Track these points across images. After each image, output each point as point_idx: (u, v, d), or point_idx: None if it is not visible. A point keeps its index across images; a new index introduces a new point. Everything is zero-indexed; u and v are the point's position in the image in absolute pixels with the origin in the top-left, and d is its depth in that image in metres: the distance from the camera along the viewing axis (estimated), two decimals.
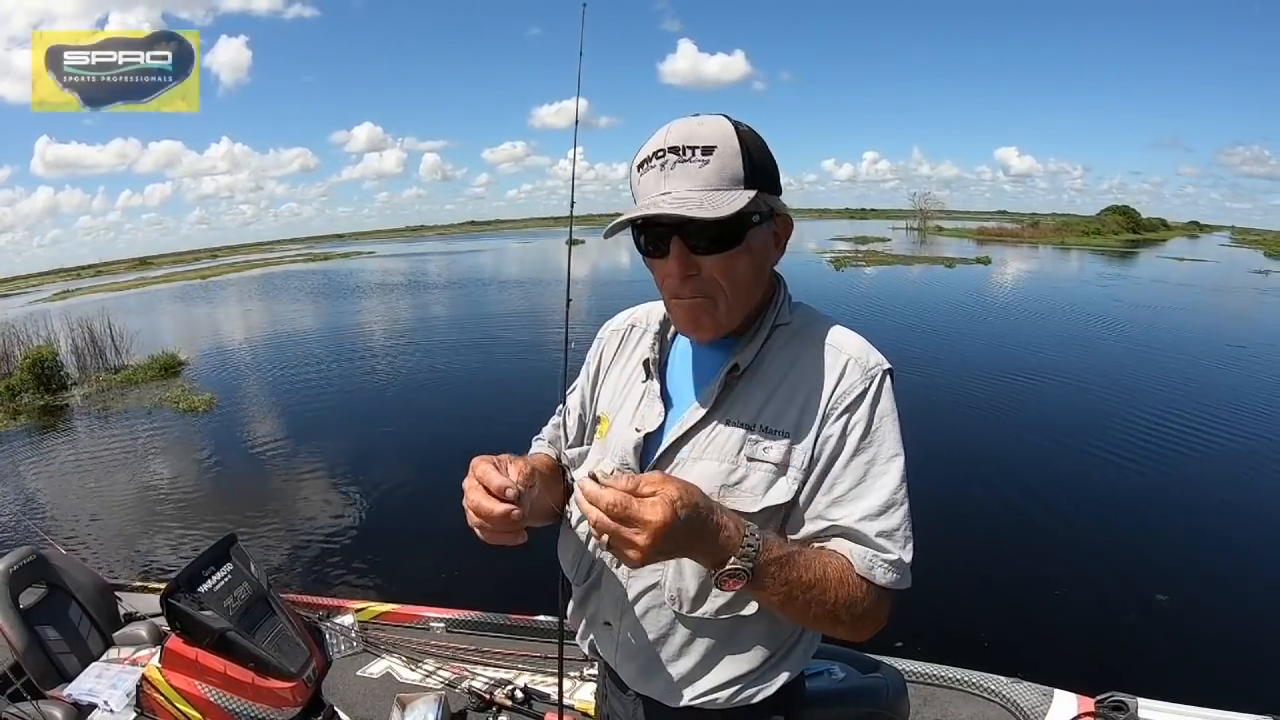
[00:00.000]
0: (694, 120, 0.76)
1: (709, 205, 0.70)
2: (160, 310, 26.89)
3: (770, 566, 0.70)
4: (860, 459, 0.78)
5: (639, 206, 0.75)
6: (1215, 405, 7.98)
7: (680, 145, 0.73)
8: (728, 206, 0.70)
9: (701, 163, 0.73)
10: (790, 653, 0.87)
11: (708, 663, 0.85)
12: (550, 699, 2.31)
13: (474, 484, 0.72)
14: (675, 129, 0.75)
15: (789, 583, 0.71)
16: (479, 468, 0.73)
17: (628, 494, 0.63)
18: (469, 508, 0.72)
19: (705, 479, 0.80)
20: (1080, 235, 54.88)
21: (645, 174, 0.76)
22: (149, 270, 70.85)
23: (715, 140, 0.73)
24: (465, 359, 12.30)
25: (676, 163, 0.73)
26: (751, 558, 0.68)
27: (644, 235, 0.78)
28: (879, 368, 0.79)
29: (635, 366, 0.93)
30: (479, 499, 0.71)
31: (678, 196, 0.72)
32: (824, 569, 0.74)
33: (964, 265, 28.51)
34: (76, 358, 13.16)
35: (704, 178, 0.73)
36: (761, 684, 0.85)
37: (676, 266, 0.76)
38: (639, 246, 0.81)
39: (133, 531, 5.75)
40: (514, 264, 42.38)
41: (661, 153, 0.74)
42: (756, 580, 0.69)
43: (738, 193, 0.73)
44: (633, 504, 0.62)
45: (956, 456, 6.27)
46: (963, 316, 15.17)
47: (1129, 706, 1.87)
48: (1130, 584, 4.23)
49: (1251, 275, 27.98)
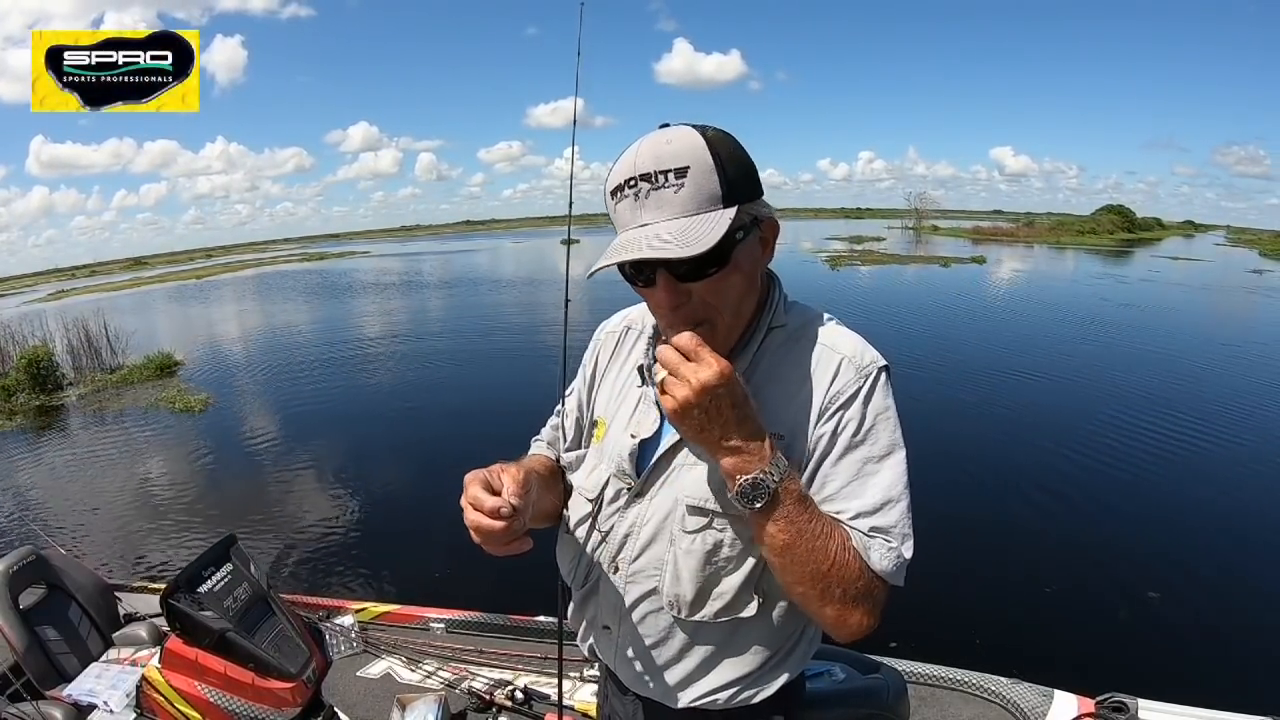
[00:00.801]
0: (661, 139, 0.72)
1: (689, 239, 0.68)
2: (155, 310, 26.94)
3: (793, 489, 0.70)
4: (853, 456, 0.76)
5: (618, 245, 0.72)
6: (1215, 404, 7.99)
7: (651, 171, 0.70)
8: (709, 237, 0.68)
9: (676, 187, 0.70)
10: (790, 654, 0.87)
11: (707, 665, 0.85)
12: (550, 699, 2.31)
13: (467, 504, 0.72)
14: (644, 151, 0.72)
15: (799, 522, 0.70)
16: (470, 489, 0.73)
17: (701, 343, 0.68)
18: (469, 526, 0.72)
19: (702, 484, 0.80)
20: (1075, 235, 55.19)
21: (620, 202, 0.73)
22: (144, 270, 71.02)
23: (687, 159, 0.70)
24: (462, 358, 12.33)
25: (650, 190, 0.71)
26: (777, 479, 0.69)
27: (630, 265, 0.76)
28: (874, 365, 0.78)
29: (631, 370, 0.92)
30: (476, 519, 0.71)
31: (655, 233, 0.70)
32: (832, 527, 0.73)
33: (959, 265, 28.61)
34: (72, 358, 13.17)
35: (680, 203, 0.70)
36: (761, 685, 0.85)
37: (666, 297, 0.74)
38: (625, 276, 0.78)
39: (131, 532, 5.75)
40: (509, 264, 42.49)
41: (634, 181, 0.71)
42: (774, 503, 0.70)
43: (718, 214, 0.70)
44: (703, 348, 0.68)
45: (955, 456, 6.27)
46: (958, 316, 15.21)
47: (1129, 707, 1.87)
48: (1130, 584, 4.23)
49: (1246, 275, 28.05)
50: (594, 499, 0.90)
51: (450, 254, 55.41)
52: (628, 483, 0.86)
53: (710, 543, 0.80)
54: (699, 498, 0.80)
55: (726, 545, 0.80)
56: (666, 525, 0.82)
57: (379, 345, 14.26)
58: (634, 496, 0.86)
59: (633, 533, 0.85)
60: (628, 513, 0.86)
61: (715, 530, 0.80)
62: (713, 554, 0.80)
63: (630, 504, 0.86)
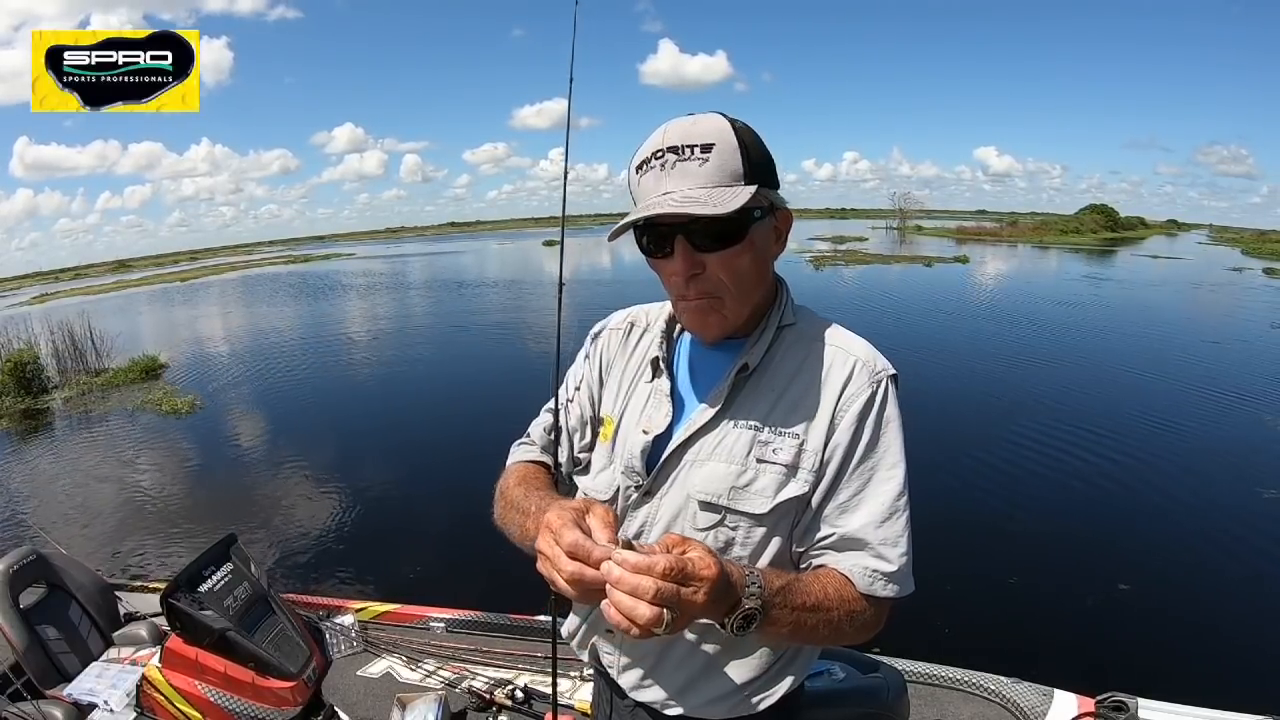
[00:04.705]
0: (689, 120, 0.76)
1: (713, 202, 0.70)
2: (140, 313, 26.79)
3: (776, 598, 0.68)
4: (865, 466, 0.78)
5: (642, 207, 0.74)
6: (1215, 403, 7.98)
7: (679, 144, 0.73)
8: (732, 202, 0.70)
9: (701, 160, 0.72)
10: (794, 660, 0.86)
11: (710, 671, 0.84)
12: (549, 699, 2.31)
13: (560, 554, 0.61)
14: (672, 129, 0.75)
15: (796, 609, 0.70)
16: (566, 537, 0.61)
17: (675, 555, 0.59)
18: (565, 579, 0.61)
19: (714, 481, 0.79)
20: (1059, 234, 55.20)
21: (645, 175, 0.76)
22: (128, 273, 70.63)
23: (713, 137, 0.73)
24: (454, 358, 12.37)
25: (676, 162, 0.73)
26: (758, 594, 0.66)
27: (646, 236, 0.78)
28: (884, 373, 0.80)
29: (639, 366, 0.92)
30: (577, 572, 0.60)
31: (681, 195, 0.72)
32: (823, 590, 0.74)
33: (943, 264, 28.68)
34: (57, 361, 13.09)
35: (705, 175, 0.72)
36: (764, 692, 0.84)
37: (682, 265, 0.76)
38: (642, 247, 0.80)
39: (128, 532, 5.75)
40: (495, 264, 42.54)
41: (660, 153, 0.74)
42: (767, 615, 0.67)
43: (739, 188, 0.72)
44: (686, 562, 0.58)
45: (954, 456, 6.26)
46: (943, 315, 15.17)
47: (1129, 706, 1.87)
48: (1130, 584, 4.23)
49: (1226, 273, 28.03)
50: (605, 500, 0.88)
51: (436, 255, 55.34)
52: (636, 481, 0.85)
53: (722, 541, 0.80)
54: (711, 493, 0.80)
55: (738, 544, 0.80)
56: (677, 524, 0.82)
57: (366, 346, 14.24)
58: (643, 495, 0.85)
59: (643, 533, 0.85)
60: (637, 512, 0.85)
61: (727, 528, 0.80)
62: (724, 552, 0.79)
63: (641, 503, 0.85)
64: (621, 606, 0.56)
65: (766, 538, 0.79)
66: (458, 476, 6.18)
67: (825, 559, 0.79)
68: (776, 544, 0.80)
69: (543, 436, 1.01)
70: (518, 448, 1.03)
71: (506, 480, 0.95)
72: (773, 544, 0.80)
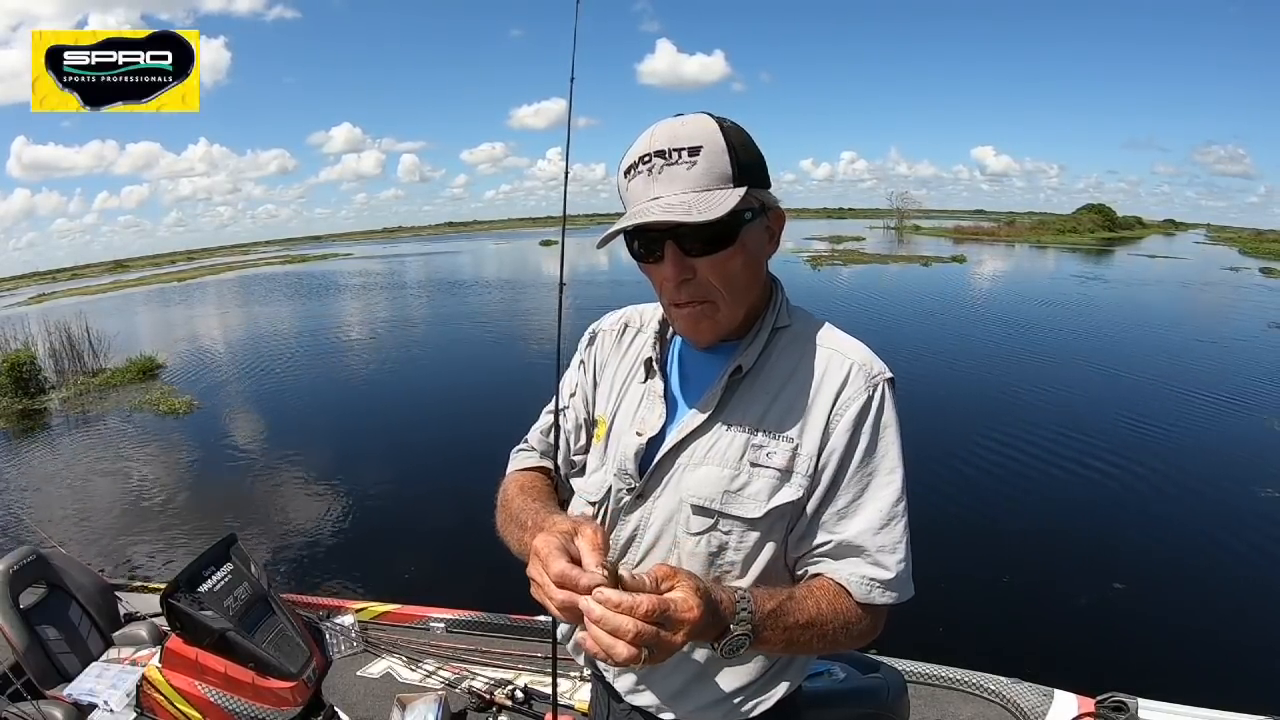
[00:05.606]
0: (676, 121, 0.74)
1: (700, 208, 0.69)
2: (137, 313, 26.80)
3: (768, 620, 0.68)
4: (862, 471, 0.77)
5: (630, 214, 0.73)
6: (1215, 401, 7.99)
7: (666, 148, 0.72)
8: (719, 207, 0.69)
9: (689, 164, 0.71)
10: (789, 665, 0.86)
11: (704, 678, 0.83)
12: (550, 699, 2.31)
13: (549, 583, 0.61)
14: (659, 132, 0.74)
15: (788, 629, 0.70)
16: (553, 566, 0.61)
17: (658, 596, 0.58)
18: (556, 609, 0.60)
19: (707, 485, 0.78)
20: (1056, 234, 55.25)
21: (633, 180, 0.75)
22: (125, 273, 70.58)
23: (700, 139, 0.72)
24: (452, 357, 12.38)
25: (664, 166, 0.72)
26: (748, 619, 0.65)
27: (637, 241, 0.77)
28: (881, 376, 0.78)
29: (632, 367, 0.91)
30: (568, 600, 0.59)
31: (668, 201, 0.71)
32: (817, 605, 0.74)
33: (940, 264, 28.71)
34: (54, 361, 13.10)
35: (692, 179, 0.71)
36: (758, 698, 0.84)
37: (672, 270, 0.75)
38: (632, 252, 0.79)
39: (124, 533, 5.75)
40: (492, 265, 42.52)
41: (648, 157, 0.73)
42: (759, 638, 0.67)
43: (728, 191, 0.71)
44: (669, 604, 0.58)
45: (954, 456, 6.26)
46: (942, 316, 15.17)
47: (1129, 706, 1.87)
48: (1130, 584, 4.23)
49: (1223, 272, 28.05)
50: (596, 502, 0.88)
51: (434, 255, 55.32)
52: (629, 483, 0.84)
53: (715, 545, 0.79)
54: (704, 497, 0.79)
55: (731, 549, 0.79)
56: (670, 527, 0.81)
57: (364, 346, 14.25)
58: (635, 498, 0.84)
59: (637, 536, 0.84)
60: (630, 516, 0.84)
61: (720, 532, 0.79)
62: (717, 557, 0.79)
63: (633, 506, 0.84)
64: (601, 643, 0.56)
65: (760, 543, 0.78)
66: (457, 476, 6.19)
67: (822, 566, 0.79)
68: (771, 549, 0.79)
69: (541, 440, 1.01)
70: (517, 454, 1.03)
71: (506, 490, 0.95)
72: (767, 549, 0.79)
